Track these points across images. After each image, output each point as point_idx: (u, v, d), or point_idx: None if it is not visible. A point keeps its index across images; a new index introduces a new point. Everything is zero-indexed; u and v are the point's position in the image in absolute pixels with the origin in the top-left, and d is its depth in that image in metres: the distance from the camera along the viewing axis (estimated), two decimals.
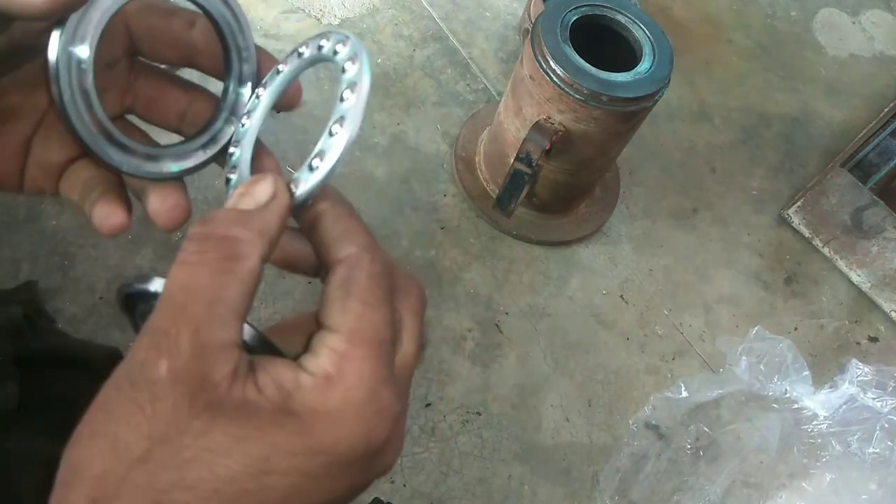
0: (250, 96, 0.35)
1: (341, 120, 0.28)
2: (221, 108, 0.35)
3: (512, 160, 0.84)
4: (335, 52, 0.31)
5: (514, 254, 0.99)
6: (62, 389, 0.73)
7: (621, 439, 0.88)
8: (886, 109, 1.25)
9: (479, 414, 0.87)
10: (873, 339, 1.06)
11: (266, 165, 0.34)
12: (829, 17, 1.42)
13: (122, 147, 0.32)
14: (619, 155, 0.97)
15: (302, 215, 0.29)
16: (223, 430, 0.23)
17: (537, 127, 0.82)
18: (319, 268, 0.31)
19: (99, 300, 0.83)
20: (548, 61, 0.79)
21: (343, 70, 0.29)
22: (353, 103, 0.28)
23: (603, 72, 0.79)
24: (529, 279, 0.98)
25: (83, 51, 0.30)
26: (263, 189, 0.27)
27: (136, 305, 0.31)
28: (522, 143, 0.82)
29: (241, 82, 0.34)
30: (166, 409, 0.23)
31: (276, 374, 0.25)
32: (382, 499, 0.72)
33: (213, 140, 0.35)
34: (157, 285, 0.28)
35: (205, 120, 0.35)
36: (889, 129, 1.17)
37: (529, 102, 0.84)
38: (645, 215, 1.08)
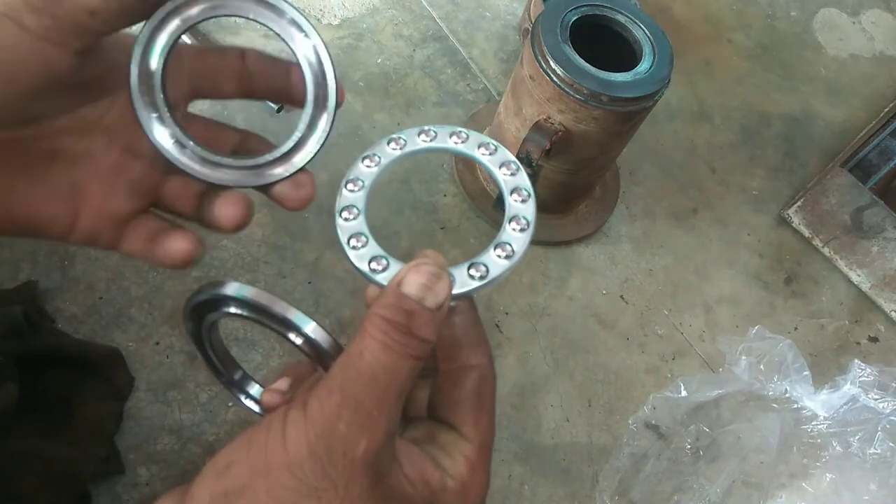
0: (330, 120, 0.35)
1: (510, 242, 0.31)
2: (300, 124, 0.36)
3: None
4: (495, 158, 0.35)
5: None
6: (62, 389, 0.74)
7: (621, 439, 0.88)
8: (886, 109, 1.25)
9: None
10: (873, 339, 1.06)
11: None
12: (829, 17, 1.42)
13: (217, 164, 0.34)
14: (619, 155, 0.97)
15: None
16: None
17: (537, 127, 0.82)
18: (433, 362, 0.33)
19: (99, 300, 0.83)
20: (548, 61, 0.79)
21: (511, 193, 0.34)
22: (524, 239, 0.31)
23: (603, 72, 0.79)
24: (529, 279, 0.98)
25: (154, 63, 0.32)
26: (443, 289, 0.29)
27: (205, 314, 0.32)
28: (522, 143, 0.82)
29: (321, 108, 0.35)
30: (357, 492, 0.25)
31: (422, 470, 0.28)
32: None
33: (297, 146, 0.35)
34: (231, 290, 0.30)
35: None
36: (889, 129, 1.17)
37: (529, 102, 0.84)
38: (645, 215, 1.08)
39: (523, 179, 0.34)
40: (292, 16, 0.32)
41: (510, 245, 0.31)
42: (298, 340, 0.31)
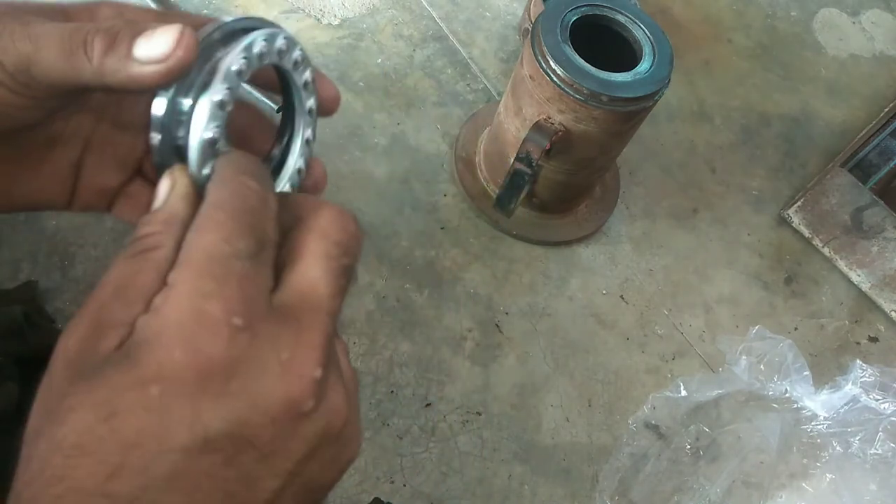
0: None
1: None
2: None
3: (512, 160, 0.84)
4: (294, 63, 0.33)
5: (514, 254, 0.99)
6: None
7: (621, 439, 0.88)
8: (886, 109, 1.25)
9: (479, 414, 0.87)
10: (873, 340, 1.06)
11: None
12: (829, 17, 1.42)
13: None
14: (619, 155, 0.97)
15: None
16: (82, 389, 0.23)
17: (537, 127, 0.82)
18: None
19: None
20: (548, 61, 0.79)
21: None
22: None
23: (603, 72, 0.79)
24: (529, 279, 0.98)
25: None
26: (162, 187, 0.28)
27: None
28: (522, 143, 0.82)
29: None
30: (54, 384, 0.24)
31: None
32: (382, 499, 0.72)
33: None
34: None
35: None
36: (889, 129, 1.17)
37: (529, 102, 0.84)
38: (645, 215, 1.08)
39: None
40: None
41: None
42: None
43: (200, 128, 0.28)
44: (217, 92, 0.28)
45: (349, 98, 1.06)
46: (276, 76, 0.34)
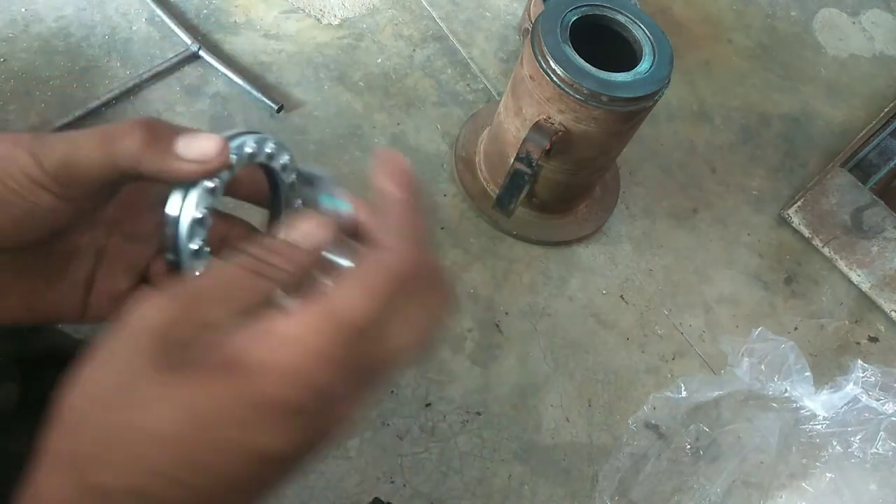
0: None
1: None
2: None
3: (512, 160, 0.84)
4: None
5: (514, 254, 0.99)
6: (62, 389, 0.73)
7: (621, 439, 0.88)
8: (886, 109, 1.25)
9: (479, 414, 0.87)
10: (873, 339, 1.06)
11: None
12: (829, 17, 1.42)
13: None
14: (619, 155, 0.97)
15: None
16: (173, 382, 0.25)
17: (537, 127, 0.82)
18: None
19: None
20: (548, 61, 0.79)
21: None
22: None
23: (603, 72, 0.79)
24: (529, 279, 0.98)
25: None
26: (308, 226, 0.32)
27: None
28: (522, 143, 0.82)
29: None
30: (132, 357, 0.25)
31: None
32: (382, 499, 0.72)
33: None
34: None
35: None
36: (889, 129, 1.18)
37: (529, 102, 0.84)
38: (645, 215, 1.08)
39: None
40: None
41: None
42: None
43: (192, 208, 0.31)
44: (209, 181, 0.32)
45: (349, 98, 1.06)
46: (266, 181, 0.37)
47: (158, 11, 1.05)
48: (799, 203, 1.10)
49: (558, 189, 0.95)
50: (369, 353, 0.28)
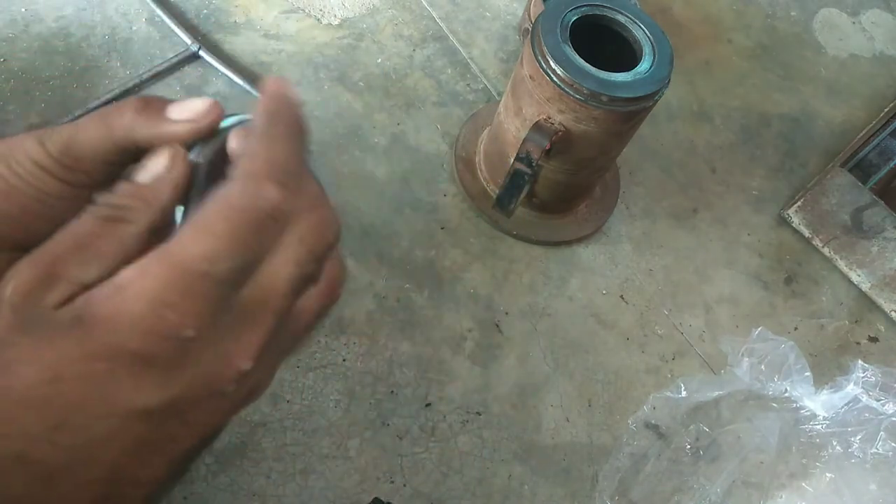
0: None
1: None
2: None
3: (512, 160, 0.84)
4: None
5: (514, 254, 0.99)
6: None
7: (621, 439, 0.88)
8: (886, 109, 1.25)
9: (479, 414, 0.87)
10: (873, 340, 1.06)
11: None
12: (829, 17, 1.42)
13: None
14: (619, 155, 0.97)
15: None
16: (27, 344, 0.25)
17: (537, 127, 0.82)
18: None
19: None
20: (548, 61, 0.79)
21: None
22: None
23: (603, 72, 0.79)
24: (529, 279, 0.98)
25: None
26: (155, 163, 0.29)
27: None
28: (522, 143, 0.82)
29: None
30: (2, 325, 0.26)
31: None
32: (382, 499, 0.72)
33: None
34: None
35: None
36: (889, 129, 1.17)
37: (529, 102, 0.84)
38: (645, 215, 1.08)
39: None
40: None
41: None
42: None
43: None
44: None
45: (349, 98, 1.06)
46: None
47: (158, 11, 1.05)
48: (799, 203, 1.11)
49: (558, 189, 0.95)
50: (231, 294, 0.27)
